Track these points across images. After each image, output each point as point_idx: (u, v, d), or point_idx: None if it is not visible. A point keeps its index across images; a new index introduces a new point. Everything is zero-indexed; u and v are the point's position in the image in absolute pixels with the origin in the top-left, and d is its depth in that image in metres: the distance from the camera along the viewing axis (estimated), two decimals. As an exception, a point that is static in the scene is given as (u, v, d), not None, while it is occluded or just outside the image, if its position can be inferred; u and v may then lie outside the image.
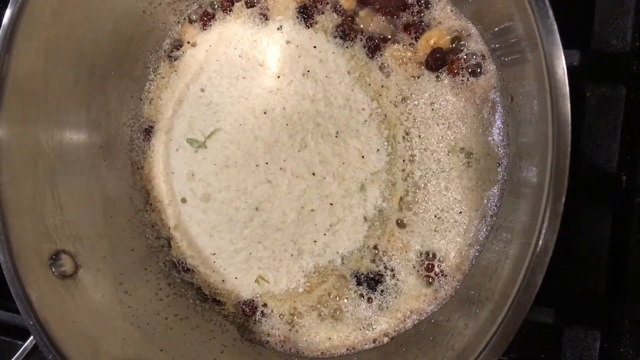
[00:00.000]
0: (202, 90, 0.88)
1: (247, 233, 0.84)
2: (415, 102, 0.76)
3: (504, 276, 0.60)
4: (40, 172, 0.77)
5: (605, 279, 0.63)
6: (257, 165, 0.83)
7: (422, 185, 0.76)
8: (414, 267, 0.76)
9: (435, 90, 0.75)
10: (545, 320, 0.65)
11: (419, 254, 0.76)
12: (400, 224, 0.77)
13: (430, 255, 0.75)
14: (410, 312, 0.77)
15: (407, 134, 0.76)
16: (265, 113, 0.82)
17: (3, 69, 0.70)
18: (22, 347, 0.72)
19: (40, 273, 0.73)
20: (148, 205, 0.92)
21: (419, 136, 0.76)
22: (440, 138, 0.75)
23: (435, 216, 0.75)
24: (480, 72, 0.72)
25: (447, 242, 0.75)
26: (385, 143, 0.77)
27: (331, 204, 0.79)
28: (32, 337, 0.71)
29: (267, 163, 0.82)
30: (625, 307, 0.61)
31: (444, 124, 0.74)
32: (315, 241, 0.81)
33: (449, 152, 0.74)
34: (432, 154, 0.75)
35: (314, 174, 0.80)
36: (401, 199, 0.77)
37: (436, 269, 0.75)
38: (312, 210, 0.80)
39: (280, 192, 0.82)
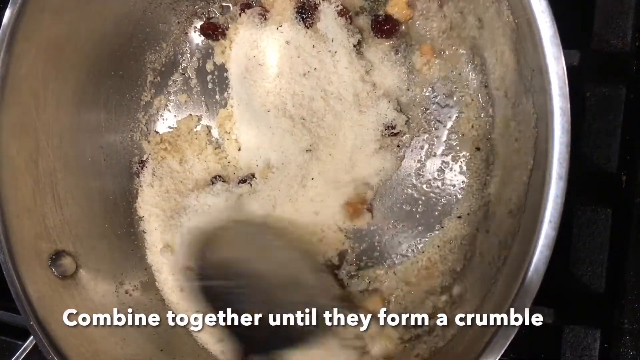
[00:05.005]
0: (202, 90, 0.88)
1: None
2: (416, 103, 0.76)
3: (504, 276, 0.60)
4: (40, 172, 0.77)
5: (605, 278, 0.63)
6: (256, 166, 0.83)
7: (422, 184, 0.76)
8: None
9: (435, 91, 0.75)
10: (545, 320, 0.64)
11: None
12: (398, 225, 0.77)
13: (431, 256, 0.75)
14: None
15: (407, 134, 0.76)
16: (268, 112, 0.81)
17: (3, 69, 0.70)
18: (22, 347, 0.73)
19: (40, 273, 0.73)
20: (148, 205, 0.92)
21: (420, 136, 0.76)
22: (443, 139, 0.75)
23: (435, 216, 0.75)
24: (480, 72, 0.72)
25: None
26: (385, 143, 0.77)
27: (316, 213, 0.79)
28: (32, 337, 0.71)
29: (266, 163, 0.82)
30: (625, 307, 0.60)
31: (445, 124, 0.75)
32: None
33: (452, 153, 0.74)
34: (433, 154, 0.75)
35: (312, 178, 0.79)
36: (401, 200, 0.77)
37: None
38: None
39: (279, 192, 0.81)
